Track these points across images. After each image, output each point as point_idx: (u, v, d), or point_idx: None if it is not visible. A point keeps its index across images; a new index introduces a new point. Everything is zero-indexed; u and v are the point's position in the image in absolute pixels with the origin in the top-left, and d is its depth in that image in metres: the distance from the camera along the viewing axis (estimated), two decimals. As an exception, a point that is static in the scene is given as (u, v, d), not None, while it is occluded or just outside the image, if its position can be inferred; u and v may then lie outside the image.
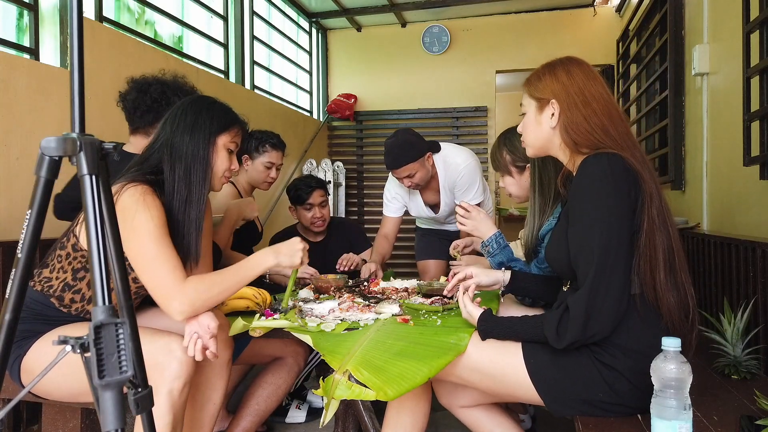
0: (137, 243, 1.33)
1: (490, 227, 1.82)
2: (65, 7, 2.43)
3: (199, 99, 1.54)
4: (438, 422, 2.26)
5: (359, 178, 5.54)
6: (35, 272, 1.48)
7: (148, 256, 1.33)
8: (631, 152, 1.24)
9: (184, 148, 1.44)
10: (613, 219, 1.17)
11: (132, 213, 1.32)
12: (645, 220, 1.20)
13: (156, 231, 1.34)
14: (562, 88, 1.31)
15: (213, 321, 1.37)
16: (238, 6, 4.00)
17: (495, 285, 1.64)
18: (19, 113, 2.16)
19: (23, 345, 1.38)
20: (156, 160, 1.46)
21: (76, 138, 0.78)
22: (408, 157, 2.41)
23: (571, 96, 1.29)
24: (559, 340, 1.20)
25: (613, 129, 1.27)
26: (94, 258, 0.76)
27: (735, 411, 1.23)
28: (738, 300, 1.80)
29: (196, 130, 1.46)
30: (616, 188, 1.18)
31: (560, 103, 1.30)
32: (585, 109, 1.28)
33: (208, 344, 1.35)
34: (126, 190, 1.35)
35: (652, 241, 1.20)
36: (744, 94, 2.02)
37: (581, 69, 1.32)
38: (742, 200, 2.19)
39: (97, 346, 0.69)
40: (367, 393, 1.15)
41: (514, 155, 1.81)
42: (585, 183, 1.22)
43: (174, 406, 1.30)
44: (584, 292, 1.17)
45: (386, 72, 5.50)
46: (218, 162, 1.50)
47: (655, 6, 3.53)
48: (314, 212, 2.62)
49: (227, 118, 1.52)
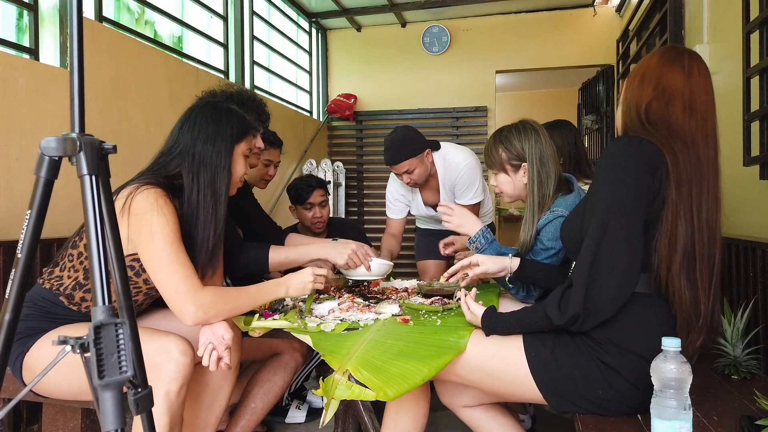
0: (154, 247, 1.34)
1: (475, 223, 1.80)
2: (65, 7, 2.43)
3: (215, 107, 1.55)
4: (438, 422, 2.26)
5: (359, 178, 5.53)
6: (45, 270, 1.49)
7: (165, 260, 1.35)
8: (667, 140, 1.22)
9: (208, 157, 1.46)
10: (621, 197, 1.18)
11: (149, 217, 1.34)
12: (666, 206, 1.18)
13: (172, 236, 1.36)
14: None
15: (228, 332, 1.39)
16: (238, 6, 4.00)
17: (502, 272, 1.64)
18: (19, 113, 2.15)
19: (27, 342, 1.39)
20: (174, 167, 1.47)
21: (76, 138, 0.78)
22: (407, 153, 2.41)
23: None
24: (560, 316, 1.20)
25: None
26: (93, 258, 0.75)
27: (735, 411, 1.23)
28: (738, 300, 1.80)
29: (218, 138, 1.48)
30: (632, 168, 1.18)
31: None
32: (654, 91, 1.27)
33: (223, 355, 1.37)
34: (140, 193, 1.36)
35: (673, 229, 1.18)
36: (744, 94, 2.02)
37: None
38: (742, 200, 2.19)
39: (97, 346, 0.69)
40: (367, 393, 1.15)
41: (510, 153, 1.79)
42: (601, 163, 1.25)
43: (171, 408, 1.30)
44: (586, 266, 1.18)
45: (386, 72, 5.49)
46: (237, 168, 1.53)
47: (655, 6, 3.53)
48: (314, 212, 2.63)
49: (244, 125, 1.55)
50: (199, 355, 1.37)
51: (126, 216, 1.34)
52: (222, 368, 1.39)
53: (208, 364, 1.37)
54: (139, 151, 2.81)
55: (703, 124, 1.25)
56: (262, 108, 1.99)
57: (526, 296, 1.78)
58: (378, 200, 5.42)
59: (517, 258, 1.67)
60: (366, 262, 1.81)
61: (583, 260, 1.19)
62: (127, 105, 2.74)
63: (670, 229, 1.18)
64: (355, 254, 1.80)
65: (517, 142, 1.76)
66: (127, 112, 2.74)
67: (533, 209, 1.76)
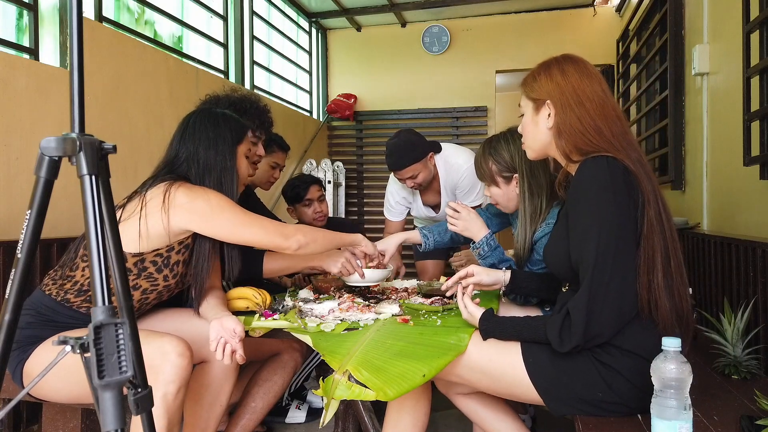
0: (226, 215, 1.45)
1: (481, 227, 1.78)
2: (65, 7, 2.43)
3: (209, 113, 1.60)
4: (438, 422, 2.26)
5: (359, 178, 5.53)
6: (48, 275, 1.49)
7: (246, 217, 1.48)
8: (627, 153, 1.22)
9: (212, 161, 1.53)
10: (611, 223, 1.16)
11: (203, 198, 1.44)
12: (644, 223, 1.19)
13: (233, 202, 1.49)
14: (557, 87, 1.29)
15: (239, 325, 1.41)
16: (238, 6, 4.00)
17: (495, 285, 1.63)
18: (19, 113, 2.15)
19: (27, 350, 1.39)
20: (180, 175, 1.51)
21: (76, 138, 0.78)
22: (411, 158, 2.41)
23: (565, 96, 1.27)
24: (562, 345, 1.20)
25: (608, 129, 1.24)
26: (93, 258, 0.75)
27: (735, 411, 1.23)
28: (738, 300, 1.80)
29: (219, 142, 1.55)
30: (615, 192, 1.17)
31: (554, 104, 1.28)
32: (578, 109, 1.25)
33: (236, 347, 1.39)
34: (179, 188, 1.42)
35: (651, 243, 1.18)
36: (744, 94, 2.02)
37: (576, 67, 1.30)
38: (742, 200, 2.19)
39: (97, 346, 0.69)
40: (367, 393, 1.15)
41: (500, 165, 1.75)
42: (583, 187, 1.21)
43: (169, 410, 1.29)
44: (584, 297, 1.16)
45: (386, 72, 5.49)
46: (242, 169, 1.60)
47: (655, 6, 3.53)
48: (314, 207, 2.63)
49: (240, 127, 1.61)
50: (212, 350, 1.39)
51: (167, 210, 1.40)
52: (237, 360, 1.41)
53: (221, 358, 1.38)
54: (139, 151, 2.81)
55: (622, 120, 1.27)
56: (266, 114, 2.00)
57: (524, 302, 1.78)
58: (378, 200, 5.41)
59: (509, 271, 1.64)
60: (360, 270, 1.81)
61: (582, 291, 1.17)
62: (127, 105, 2.74)
63: (647, 247, 1.18)
64: (348, 263, 1.81)
65: (506, 153, 1.73)
66: (127, 112, 2.74)
67: (525, 222, 1.72)
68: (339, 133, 5.65)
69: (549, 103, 1.29)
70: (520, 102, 1.40)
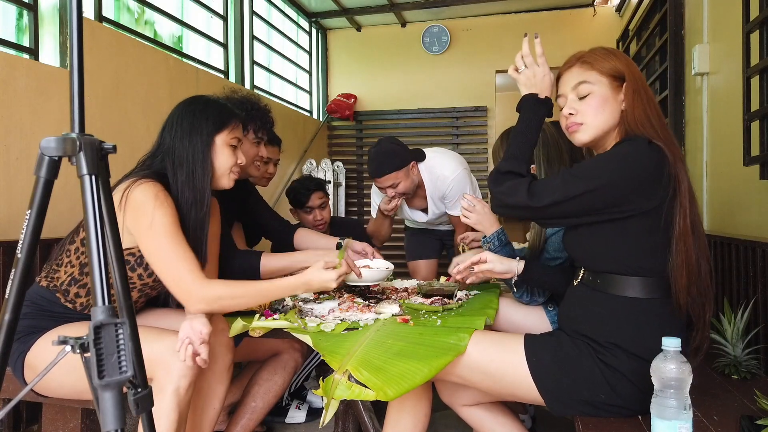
0: (156, 240, 1.35)
1: (493, 223, 1.79)
2: (65, 7, 2.43)
3: (192, 102, 1.55)
4: (438, 422, 2.26)
5: (359, 177, 5.53)
6: (45, 267, 1.50)
7: (168, 252, 1.35)
8: (670, 149, 1.21)
9: (185, 153, 1.47)
10: (613, 174, 1.18)
11: (149, 209, 1.34)
12: (678, 222, 1.19)
13: (173, 228, 1.36)
14: (629, 69, 1.26)
15: (205, 327, 1.36)
16: (238, 6, 4.00)
17: (507, 274, 1.62)
18: (19, 113, 2.15)
19: (27, 341, 1.39)
20: (159, 168, 1.48)
21: (76, 138, 0.78)
22: (391, 166, 2.37)
23: (635, 78, 1.25)
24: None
25: (657, 121, 1.25)
26: (93, 258, 0.75)
27: (735, 411, 1.23)
28: (738, 300, 1.80)
29: (193, 133, 1.48)
30: (621, 165, 1.18)
31: (630, 85, 1.26)
32: (644, 94, 1.25)
33: (199, 350, 1.33)
34: (138, 186, 1.36)
35: (689, 246, 1.19)
36: (744, 94, 2.02)
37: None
38: (742, 200, 2.19)
39: (97, 346, 0.69)
40: (367, 393, 1.15)
41: None
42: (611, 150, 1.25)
43: (180, 404, 1.31)
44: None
45: (386, 72, 5.49)
46: (221, 160, 1.51)
47: (655, 6, 3.53)
48: (314, 215, 2.61)
49: (222, 115, 1.53)
50: (176, 351, 1.34)
51: (123, 209, 1.35)
52: (199, 364, 1.35)
53: (184, 358, 1.33)
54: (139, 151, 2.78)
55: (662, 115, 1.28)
56: (266, 115, 1.98)
57: (529, 300, 1.78)
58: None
59: (523, 261, 1.65)
60: (357, 269, 1.80)
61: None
62: (127, 105, 2.74)
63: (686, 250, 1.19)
64: (345, 263, 1.80)
65: None
66: (127, 112, 2.74)
67: None
68: (339, 133, 5.65)
69: (627, 84, 1.27)
70: (578, 79, 1.30)
